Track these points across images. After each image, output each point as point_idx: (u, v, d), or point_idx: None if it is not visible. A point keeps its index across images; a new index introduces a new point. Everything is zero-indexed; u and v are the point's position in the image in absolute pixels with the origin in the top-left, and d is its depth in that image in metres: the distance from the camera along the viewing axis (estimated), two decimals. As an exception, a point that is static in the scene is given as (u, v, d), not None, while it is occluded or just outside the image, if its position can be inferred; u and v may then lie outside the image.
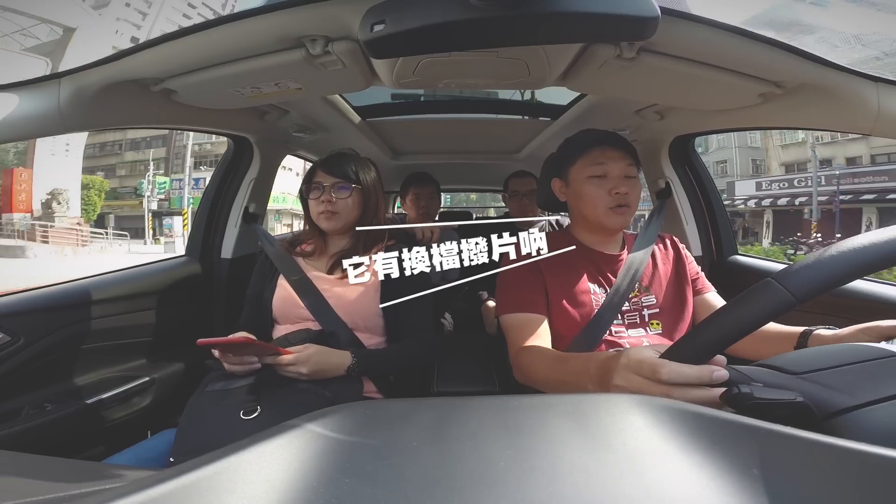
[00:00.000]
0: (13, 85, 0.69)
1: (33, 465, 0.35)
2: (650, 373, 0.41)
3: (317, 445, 0.25)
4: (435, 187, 1.91)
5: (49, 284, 1.04)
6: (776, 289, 0.37)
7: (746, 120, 1.00)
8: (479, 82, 0.97)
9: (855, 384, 0.36)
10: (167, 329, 1.25)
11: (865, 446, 0.23)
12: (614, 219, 0.83)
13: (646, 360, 0.42)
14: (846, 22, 20.66)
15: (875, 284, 1.00)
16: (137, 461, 0.80)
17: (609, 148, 0.84)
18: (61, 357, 1.01)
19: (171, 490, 0.21)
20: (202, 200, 1.50)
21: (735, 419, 0.28)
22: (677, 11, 0.62)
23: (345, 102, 1.35)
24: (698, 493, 0.21)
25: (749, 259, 1.42)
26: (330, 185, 0.96)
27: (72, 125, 0.74)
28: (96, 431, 1.06)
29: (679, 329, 0.85)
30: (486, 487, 0.21)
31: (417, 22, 0.52)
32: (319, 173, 0.97)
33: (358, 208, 0.97)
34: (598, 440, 0.25)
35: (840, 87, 0.72)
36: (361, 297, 0.94)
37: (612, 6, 0.51)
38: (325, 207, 0.95)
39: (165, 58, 0.75)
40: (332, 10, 0.64)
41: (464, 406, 0.31)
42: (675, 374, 0.39)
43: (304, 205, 1.00)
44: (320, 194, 0.95)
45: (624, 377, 0.45)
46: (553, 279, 0.84)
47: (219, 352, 0.79)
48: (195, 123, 1.09)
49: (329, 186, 0.95)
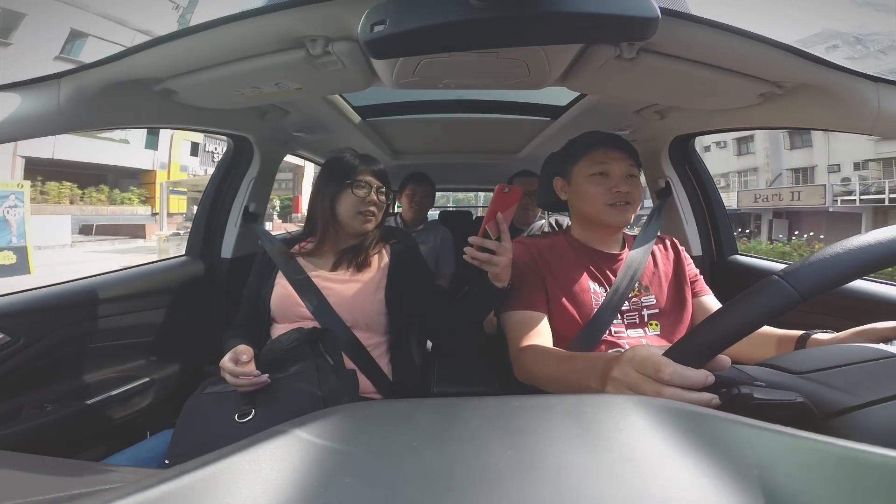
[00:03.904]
0: (13, 84, 0.69)
1: (33, 465, 0.35)
2: (652, 371, 0.41)
3: (317, 446, 0.25)
4: (430, 186, 2.04)
5: (49, 284, 1.04)
6: (781, 286, 0.37)
7: (746, 120, 1.00)
8: (479, 82, 0.97)
9: (858, 384, 0.36)
10: (167, 329, 1.25)
11: (865, 446, 0.23)
12: (614, 215, 0.84)
13: (650, 358, 0.43)
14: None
15: (875, 284, 1.00)
16: (136, 461, 0.80)
17: (612, 149, 0.86)
18: (61, 357, 1.01)
19: (171, 490, 0.21)
20: (202, 200, 1.50)
21: (735, 419, 0.28)
22: (677, 12, 0.62)
23: (345, 102, 1.35)
24: (698, 494, 0.21)
25: (749, 259, 1.42)
26: (376, 187, 0.97)
27: (72, 125, 0.74)
28: (96, 432, 1.06)
29: (678, 330, 0.85)
30: (487, 488, 0.21)
31: (418, 22, 0.52)
32: (366, 173, 0.97)
33: (383, 213, 1.00)
34: (599, 440, 0.25)
35: (840, 87, 0.72)
36: (363, 295, 0.94)
37: (612, 6, 0.51)
38: (370, 208, 0.96)
39: (165, 58, 0.75)
40: (332, 10, 0.64)
41: (464, 406, 0.31)
42: (678, 375, 0.39)
43: (320, 201, 0.98)
44: (367, 194, 0.96)
45: (622, 370, 0.46)
46: (553, 278, 0.85)
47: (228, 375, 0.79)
48: (195, 123, 1.09)
49: (376, 189, 0.97)
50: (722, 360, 0.41)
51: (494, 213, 0.75)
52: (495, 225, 0.75)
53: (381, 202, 0.98)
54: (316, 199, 0.99)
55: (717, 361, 0.41)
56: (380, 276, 0.97)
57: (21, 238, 8.02)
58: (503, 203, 0.75)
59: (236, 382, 0.78)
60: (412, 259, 1.02)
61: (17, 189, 8.37)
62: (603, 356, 0.56)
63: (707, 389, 0.39)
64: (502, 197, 0.74)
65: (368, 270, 0.97)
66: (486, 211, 0.76)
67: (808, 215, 16.83)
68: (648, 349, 0.45)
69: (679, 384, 0.39)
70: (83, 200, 14.92)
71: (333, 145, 1.74)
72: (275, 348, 0.83)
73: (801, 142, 17.61)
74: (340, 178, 0.96)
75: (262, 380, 0.78)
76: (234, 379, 0.78)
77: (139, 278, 1.23)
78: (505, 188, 0.74)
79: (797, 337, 0.70)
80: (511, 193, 0.74)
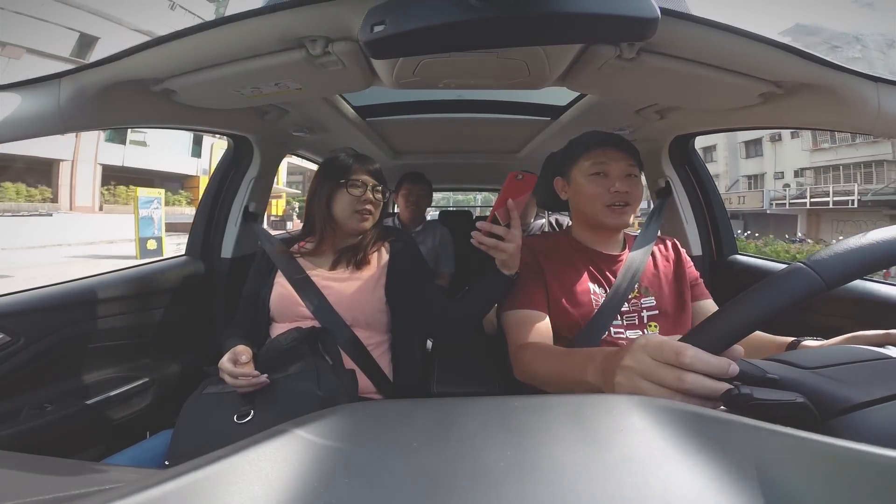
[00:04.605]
0: (13, 85, 0.69)
1: (33, 465, 0.35)
2: (671, 356, 0.39)
3: (317, 446, 0.25)
4: (426, 186, 2.03)
5: (49, 284, 1.04)
6: (807, 273, 0.37)
7: (746, 120, 1.00)
8: (479, 83, 0.97)
9: (869, 380, 0.36)
10: (167, 329, 1.25)
11: (865, 446, 0.23)
12: (612, 217, 0.84)
13: (667, 343, 0.40)
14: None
15: (876, 284, 1.00)
16: (136, 461, 0.80)
17: (611, 149, 0.86)
18: (61, 357, 1.01)
19: (171, 490, 0.21)
20: (202, 200, 1.50)
21: (735, 419, 0.28)
22: (677, 12, 0.62)
23: (345, 102, 1.35)
24: (698, 494, 0.21)
25: (749, 258, 1.42)
26: (372, 185, 0.97)
27: (72, 125, 0.74)
28: (96, 432, 1.06)
29: (677, 332, 0.85)
30: (487, 488, 0.21)
31: (418, 23, 0.52)
32: (361, 172, 0.97)
33: (380, 210, 1.00)
34: (599, 441, 0.25)
35: (840, 87, 0.72)
36: (363, 293, 0.94)
37: (612, 7, 0.51)
38: (366, 207, 0.96)
39: (165, 58, 0.75)
40: (332, 10, 0.64)
41: (464, 406, 0.31)
42: (699, 360, 0.37)
43: (317, 201, 0.98)
44: (363, 193, 0.96)
45: (635, 358, 0.42)
46: (553, 278, 0.85)
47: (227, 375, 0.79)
48: (195, 123, 1.09)
49: (371, 187, 0.97)
50: (736, 349, 0.39)
51: (505, 199, 0.73)
52: (505, 211, 0.74)
53: (377, 200, 0.98)
54: (313, 200, 0.99)
55: (730, 351, 0.39)
56: (379, 274, 0.97)
57: (160, 231, 10.90)
58: (515, 190, 0.73)
59: (235, 383, 0.78)
60: (411, 257, 1.02)
61: (157, 195, 11.14)
62: (602, 349, 0.55)
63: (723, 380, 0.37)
64: (514, 184, 0.73)
65: (368, 269, 0.97)
66: (497, 197, 0.75)
67: (751, 217, 20.14)
68: (660, 335, 0.43)
69: (700, 370, 0.37)
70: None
71: (333, 145, 1.74)
72: (273, 348, 0.83)
73: (754, 151, 20.80)
74: (335, 178, 0.96)
75: (261, 380, 0.78)
76: (233, 380, 0.78)
77: (139, 278, 1.23)
78: (518, 175, 0.73)
79: (787, 343, 0.69)
80: (525, 181, 0.73)
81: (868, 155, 16.31)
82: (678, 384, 0.37)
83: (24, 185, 13.26)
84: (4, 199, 12.56)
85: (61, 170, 14.04)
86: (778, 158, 19.98)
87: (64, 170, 14.09)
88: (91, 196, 14.94)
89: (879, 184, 15.95)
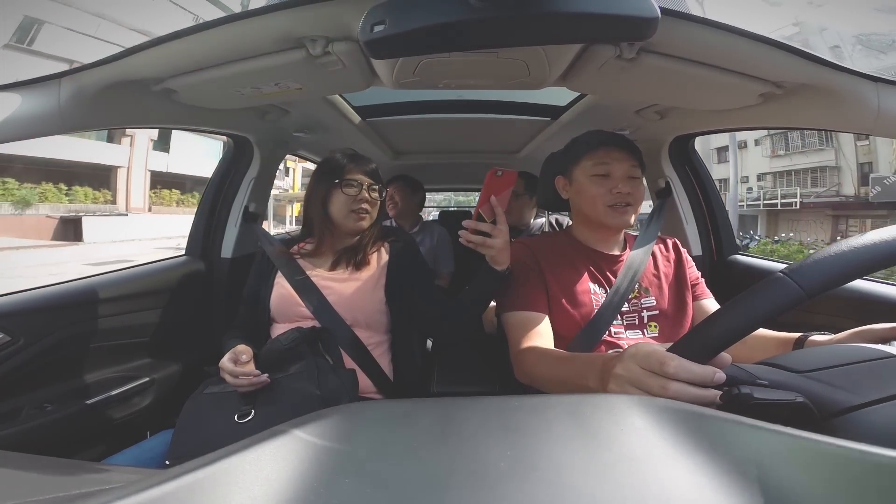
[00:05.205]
0: (13, 85, 0.69)
1: (33, 465, 0.35)
2: (657, 366, 0.41)
3: (317, 446, 0.25)
4: (413, 187, 2.01)
5: (49, 284, 1.04)
6: (787, 283, 0.37)
7: (746, 120, 1.00)
8: (479, 83, 0.97)
9: (860, 383, 0.36)
10: (167, 329, 1.25)
11: (865, 446, 0.23)
12: (614, 217, 0.84)
13: (654, 353, 0.42)
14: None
15: (876, 284, 1.00)
16: (136, 461, 0.80)
17: (614, 149, 0.85)
18: (61, 357, 1.01)
19: (171, 490, 0.21)
20: (202, 200, 1.50)
21: (735, 419, 0.28)
22: (677, 12, 0.62)
23: (345, 102, 1.35)
24: (698, 494, 0.21)
25: (749, 258, 1.42)
26: (367, 185, 0.97)
27: (72, 125, 0.74)
28: (96, 432, 1.06)
29: (677, 332, 0.85)
30: (487, 488, 0.21)
31: (418, 23, 0.52)
32: (355, 172, 0.97)
33: (377, 209, 1.00)
34: (599, 440, 0.25)
35: (840, 87, 0.72)
36: (363, 293, 0.94)
37: (612, 6, 0.51)
38: (362, 206, 0.95)
39: (166, 58, 0.75)
40: (332, 10, 0.64)
41: (464, 406, 0.31)
42: (683, 369, 0.39)
43: (313, 202, 0.98)
44: (358, 192, 0.95)
45: (625, 367, 0.45)
46: (554, 278, 0.84)
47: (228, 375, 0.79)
48: (195, 123, 1.09)
49: (367, 186, 0.97)
50: (723, 357, 0.41)
51: (487, 197, 0.74)
52: (489, 208, 0.75)
53: (373, 200, 0.98)
54: (310, 201, 1.00)
55: (717, 359, 0.40)
56: (379, 274, 0.97)
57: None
58: (496, 187, 0.74)
59: (236, 383, 0.78)
60: (411, 257, 1.02)
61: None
62: (602, 355, 0.56)
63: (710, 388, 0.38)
64: (495, 181, 0.74)
65: (367, 269, 0.97)
66: (479, 195, 0.76)
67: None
68: (650, 345, 0.45)
69: (684, 379, 0.39)
70: (184, 204, 19.24)
71: (333, 145, 1.74)
72: (274, 348, 0.83)
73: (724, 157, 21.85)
74: (330, 178, 0.96)
75: (262, 380, 0.78)
76: (234, 379, 0.78)
77: (139, 278, 1.23)
78: (497, 172, 0.74)
79: (794, 339, 0.69)
80: (504, 178, 0.74)
81: (815, 161, 18.52)
82: (662, 392, 0.39)
83: (91, 189, 15.70)
84: (76, 202, 15.02)
85: (118, 176, 16.65)
86: (743, 163, 21.07)
87: (121, 175, 16.69)
88: (143, 198, 17.40)
89: (823, 187, 18.21)
